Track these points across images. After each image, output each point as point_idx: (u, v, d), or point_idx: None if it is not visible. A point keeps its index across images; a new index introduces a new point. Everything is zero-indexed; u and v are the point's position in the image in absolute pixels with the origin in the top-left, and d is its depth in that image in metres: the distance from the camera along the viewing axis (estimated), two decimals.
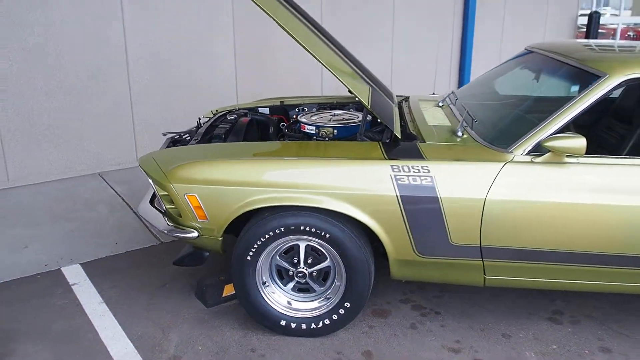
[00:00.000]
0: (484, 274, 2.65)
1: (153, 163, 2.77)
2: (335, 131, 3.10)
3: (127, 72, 5.17)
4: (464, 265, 2.61)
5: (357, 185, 2.50)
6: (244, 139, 3.17)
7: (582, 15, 9.64)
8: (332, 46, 2.96)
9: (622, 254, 2.47)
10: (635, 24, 11.67)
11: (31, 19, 4.59)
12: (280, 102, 3.82)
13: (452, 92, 3.53)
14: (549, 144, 2.40)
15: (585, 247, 2.48)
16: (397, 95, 3.81)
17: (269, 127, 3.47)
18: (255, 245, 2.61)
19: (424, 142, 2.70)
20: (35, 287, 3.20)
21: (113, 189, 4.72)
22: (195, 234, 2.67)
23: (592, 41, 3.41)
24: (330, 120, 3.23)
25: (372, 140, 2.83)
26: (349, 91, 2.63)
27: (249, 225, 2.62)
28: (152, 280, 3.29)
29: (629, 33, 11.26)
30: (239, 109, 3.70)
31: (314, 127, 3.14)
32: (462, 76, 7.99)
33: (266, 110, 3.72)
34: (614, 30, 11.05)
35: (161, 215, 2.82)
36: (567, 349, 2.72)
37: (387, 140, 2.79)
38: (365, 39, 6.91)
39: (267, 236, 2.59)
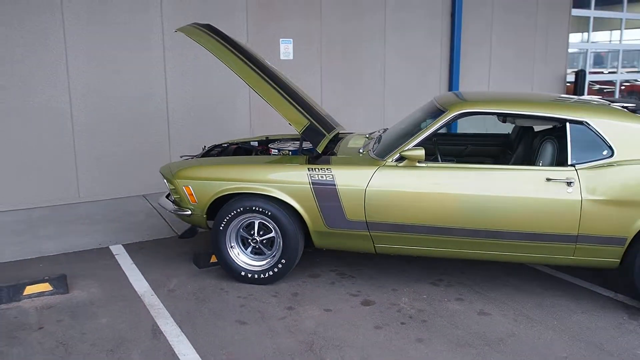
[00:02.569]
0: (373, 243, 4.00)
1: (167, 169, 4.35)
2: (289, 152, 4.60)
3: (167, 121, 6.91)
4: (358, 235, 3.98)
5: (287, 180, 3.96)
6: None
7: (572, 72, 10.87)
8: (272, 84, 4.39)
9: (458, 227, 3.77)
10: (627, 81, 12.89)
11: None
12: (266, 137, 5.37)
13: (384, 128, 4.97)
14: (404, 153, 3.80)
15: (432, 222, 3.80)
16: (345, 132, 5.26)
17: (252, 152, 5.02)
18: (225, 220, 4.09)
19: (335, 155, 4.15)
20: (91, 255, 4.77)
21: (151, 205, 6.35)
22: (189, 212, 4.19)
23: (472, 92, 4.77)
24: (289, 146, 4.74)
25: (306, 155, 4.30)
26: (289, 123, 4.15)
27: (222, 207, 4.12)
28: (167, 253, 4.80)
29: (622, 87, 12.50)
30: (235, 142, 5.28)
31: (277, 151, 4.66)
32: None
33: (256, 143, 5.26)
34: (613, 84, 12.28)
35: (171, 202, 4.37)
36: (433, 298, 3.98)
37: (314, 155, 4.25)
38: (358, 95, 8.45)
39: (232, 213, 4.07)
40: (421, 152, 3.76)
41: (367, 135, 4.87)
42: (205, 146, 5.11)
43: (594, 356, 3.21)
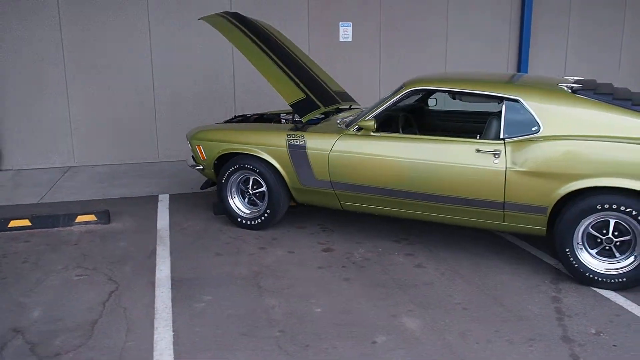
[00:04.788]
0: (339, 200, 4.68)
1: (190, 132, 5.39)
2: (290, 121, 5.39)
3: (234, 96, 8.00)
4: (326, 193, 4.68)
5: (270, 143, 4.78)
6: None
7: None
8: (278, 62, 5.17)
9: (402, 189, 4.31)
10: None
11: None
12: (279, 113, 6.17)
13: None
14: (359, 123, 4.42)
15: (381, 184, 4.38)
16: (357, 107, 5.87)
17: (270, 120, 5.88)
18: (226, 174, 5.02)
19: (317, 125, 4.86)
20: (142, 200, 6.00)
21: None
22: (201, 167, 5.20)
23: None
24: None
25: (294, 123, 5.07)
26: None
27: (224, 164, 5.05)
28: (198, 202, 5.86)
29: None
30: (264, 113, 6.17)
31: (284, 121, 5.48)
32: None
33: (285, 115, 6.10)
34: None
35: (192, 159, 5.42)
36: (386, 252, 4.57)
37: (301, 124, 4.99)
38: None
39: (231, 169, 4.99)
40: (370, 123, 4.35)
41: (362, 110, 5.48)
42: (235, 115, 6.07)
43: (486, 306, 3.64)
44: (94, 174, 7.16)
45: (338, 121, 4.90)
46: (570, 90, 4.04)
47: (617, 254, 3.82)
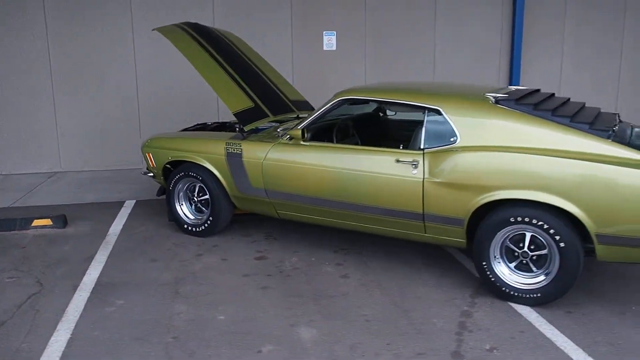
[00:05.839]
0: (275, 209, 4.70)
1: (143, 141, 5.52)
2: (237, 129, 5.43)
3: (217, 106, 8.13)
4: (262, 201, 4.71)
5: (211, 151, 4.85)
6: None
7: None
8: (231, 71, 5.23)
9: (329, 199, 4.30)
10: None
11: None
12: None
13: None
14: (290, 133, 4.44)
15: (310, 193, 4.38)
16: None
17: (232, 129, 5.94)
18: (173, 181, 5.12)
19: (256, 134, 4.91)
20: (108, 205, 6.16)
21: None
22: (152, 174, 5.31)
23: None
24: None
25: (241, 132, 5.12)
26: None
27: (172, 171, 5.15)
28: (161, 208, 5.98)
29: None
30: (221, 122, 6.24)
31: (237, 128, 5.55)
32: None
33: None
34: None
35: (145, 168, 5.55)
36: (318, 261, 4.55)
37: (245, 133, 5.03)
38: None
39: (177, 177, 5.08)
40: (298, 132, 4.37)
41: None
42: (197, 123, 6.19)
43: (391, 319, 3.59)
44: (75, 180, 7.39)
45: (279, 130, 4.93)
46: (493, 100, 3.96)
47: (534, 269, 3.71)
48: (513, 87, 4.63)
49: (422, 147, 3.97)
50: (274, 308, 3.75)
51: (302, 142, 4.44)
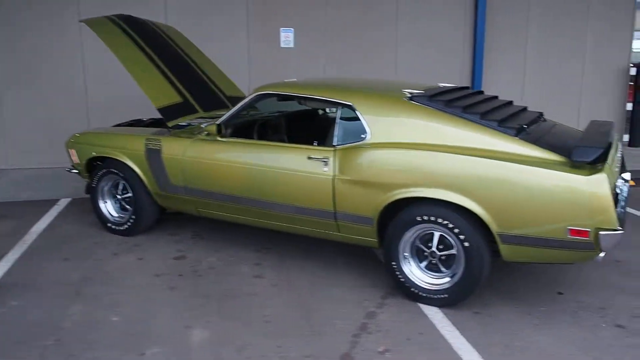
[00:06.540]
0: (195, 207, 4.56)
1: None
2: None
3: None
4: (182, 198, 4.57)
5: (131, 147, 4.70)
6: None
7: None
8: (161, 65, 5.09)
9: (243, 196, 4.16)
10: None
11: None
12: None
13: None
14: (206, 128, 4.30)
15: (225, 190, 4.24)
16: None
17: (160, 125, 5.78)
18: (96, 179, 4.96)
19: (178, 130, 4.76)
20: (42, 202, 5.98)
21: None
22: (76, 170, 5.15)
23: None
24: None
25: (162, 128, 4.97)
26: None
27: (95, 169, 5.00)
28: (87, 206, 5.82)
29: None
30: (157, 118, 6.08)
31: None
32: None
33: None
34: None
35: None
36: (236, 260, 4.41)
37: (170, 129, 4.89)
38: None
39: (99, 174, 4.92)
40: (213, 128, 4.23)
41: None
42: (132, 119, 6.03)
43: (292, 320, 3.45)
44: (18, 177, 7.21)
45: (202, 126, 4.78)
46: (408, 97, 3.83)
47: (442, 269, 3.59)
48: (442, 85, 4.51)
49: (334, 143, 3.85)
50: (174, 309, 3.61)
51: (218, 138, 4.30)
